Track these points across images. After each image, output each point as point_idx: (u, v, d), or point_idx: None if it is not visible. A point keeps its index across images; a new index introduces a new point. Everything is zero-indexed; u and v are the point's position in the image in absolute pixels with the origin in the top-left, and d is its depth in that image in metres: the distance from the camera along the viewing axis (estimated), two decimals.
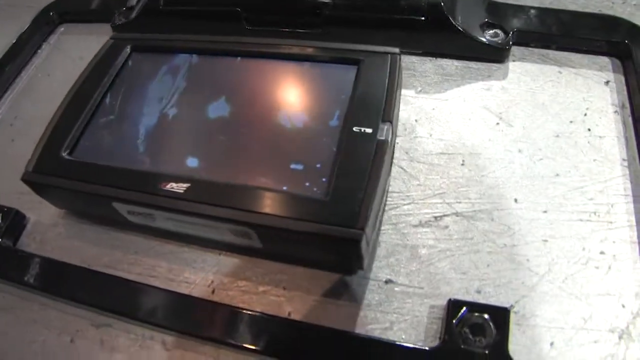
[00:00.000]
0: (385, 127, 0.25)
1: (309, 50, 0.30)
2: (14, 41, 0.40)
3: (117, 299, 0.27)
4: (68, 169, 0.28)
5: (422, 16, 0.33)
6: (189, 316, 0.26)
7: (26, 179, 0.28)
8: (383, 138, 0.25)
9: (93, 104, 0.30)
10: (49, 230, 0.31)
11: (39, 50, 0.42)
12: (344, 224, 0.22)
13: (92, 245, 0.30)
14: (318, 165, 0.25)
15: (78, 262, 0.29)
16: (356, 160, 0.24)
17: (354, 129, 0.25)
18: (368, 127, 0.25)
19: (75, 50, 0.40)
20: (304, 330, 0.24)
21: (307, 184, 0.25)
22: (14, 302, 0.29)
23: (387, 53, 0.28)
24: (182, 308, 0.26)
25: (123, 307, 0.27)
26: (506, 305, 0.24)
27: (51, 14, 0.42)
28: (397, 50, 0.29)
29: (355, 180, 0.24)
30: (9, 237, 0.30)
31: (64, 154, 0.28)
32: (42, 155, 0.28)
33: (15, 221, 0.31)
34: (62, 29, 0.43)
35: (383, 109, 0.26)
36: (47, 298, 0.28)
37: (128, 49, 0.32)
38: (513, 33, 0.34)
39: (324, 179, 0.24)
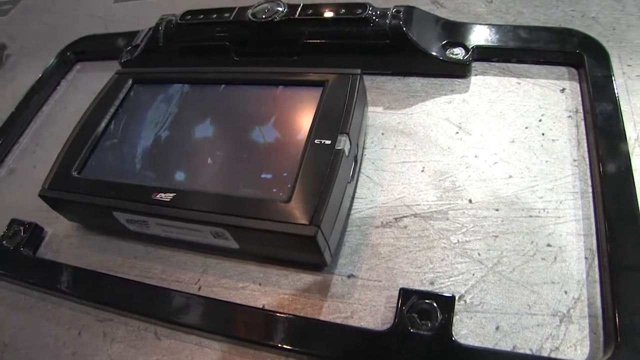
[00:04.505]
0: (343, 138, 0.29)
1: (283, 76, 0.34)
2: (36, 79, 0.46)
3: (117, 296, 0.31)
4: (77, 185, 0.32)
5: (387, 39, 0.36)
6: (176, 309, 0.29)
7: (42, 195, 0.33)
8: (340, 148, 0.28)
9: (99, 130, 0.35)
10: (63, 241, 0.36)
11: (58, 87, 0.48)
12: (302, 222, 0.26)
13: (98, 252, 0.34)
14: (285, 174, 0.29)
15: (86, 267, 0.33)
16: (316, 167, 0.28)
17: (316, 141, 0.29)
18: (327, 139, 0.29)
19: (88, 85, 0.46)
20: (276, 318, 0.27)
21: (274, 189, 0.28)
22: (31, 302, 0.33)
23: (348, 74, 0.32)
24: (171, 302, 0.29)
25: (122, 303, 0.31)
26: (456, 294, 0.27)
27: (68, 54, 0.48)
28: (358, 71, 0.32)
29: (313, 184, 0.27)
30: (29, 247, 0.35)
31: (74, 173, 0.33)
32: (56, 174, 0.33)
33: (35, 233, 0.36)
34: (78, 66, 0.50)
35: (341, 123, 0.29)
36: (58, 298, 0.32)
37: (130, 82, 0.37)
38: (473, 50, 0.37)
39: (288, 185, 0.28)
